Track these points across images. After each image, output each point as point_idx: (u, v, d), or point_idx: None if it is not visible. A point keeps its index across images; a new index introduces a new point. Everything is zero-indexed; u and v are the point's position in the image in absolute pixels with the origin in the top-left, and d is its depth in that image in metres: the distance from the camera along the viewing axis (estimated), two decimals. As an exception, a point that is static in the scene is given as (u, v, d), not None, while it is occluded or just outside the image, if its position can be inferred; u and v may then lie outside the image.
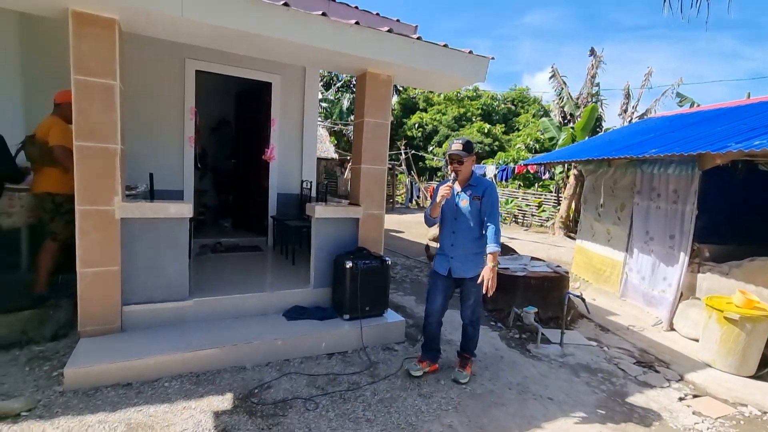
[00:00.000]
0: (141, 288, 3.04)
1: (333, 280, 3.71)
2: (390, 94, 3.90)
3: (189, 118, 4.84)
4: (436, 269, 2.90)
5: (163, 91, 4.69)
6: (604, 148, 5.82)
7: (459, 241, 2.77)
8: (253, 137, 5.92)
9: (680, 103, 11.83)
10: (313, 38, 3.06)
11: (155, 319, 3.06)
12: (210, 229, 6.14)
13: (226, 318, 3.32)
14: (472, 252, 2.77)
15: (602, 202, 5.78)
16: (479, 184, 2.77)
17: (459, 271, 2.79)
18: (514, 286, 4.40)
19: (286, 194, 5.59)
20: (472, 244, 2.77)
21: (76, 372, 2.47)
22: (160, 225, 3.04)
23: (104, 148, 2.76)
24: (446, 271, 2.82)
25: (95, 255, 2.81)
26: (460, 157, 2.71)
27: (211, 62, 4.85)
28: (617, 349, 3.87)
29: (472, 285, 2.79)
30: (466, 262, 2.77)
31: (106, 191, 2.80)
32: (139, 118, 4.51)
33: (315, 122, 6.01)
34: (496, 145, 21.97)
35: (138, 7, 2.58)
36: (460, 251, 2.77)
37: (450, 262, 2.80)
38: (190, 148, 4.88)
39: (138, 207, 2.95)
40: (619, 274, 5.51)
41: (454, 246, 2.78)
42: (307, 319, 3.44)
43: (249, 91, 6.10)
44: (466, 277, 2.79)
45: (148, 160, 4.54)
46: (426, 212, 2.82)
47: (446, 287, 2.88)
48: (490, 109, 25.92)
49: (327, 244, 3.72)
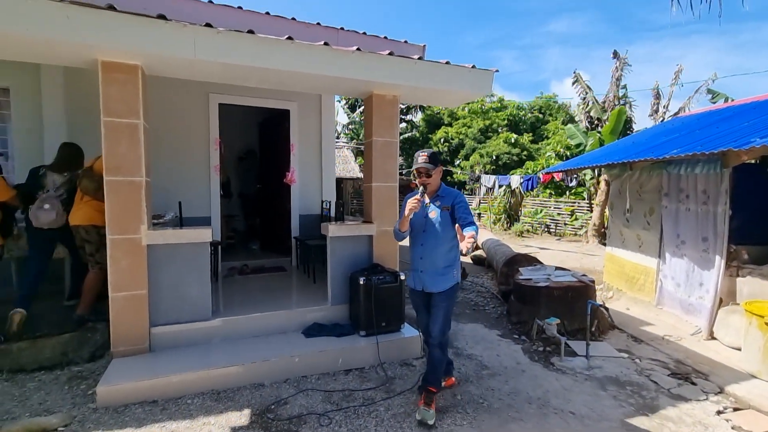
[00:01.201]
0: (167, 310, 3.22)
1: (349, 297, 3.77)
2: (397, 114, 4.00)
3: (214, 148, 5.15)
4: (410, 285, 2.80)
5: (189, 125, 5.04)
6: (627, 151, 5.64)
7: (428, 254, 2.65)
8: (276, 162, 6.18)
9: (712, 100, 11.27)
10: (317, 67, 3.22)
11: (181, 339, 3.23)
12: (239, 252, 6.39)
13: (248, 336, 3.44)
14: (441, 265, 2.64)
15: (629, 207, 5.56)
16: (448, 195, 2.69)
17: (429, 285, 2.66)
18: (537, 297, 4.31)
19: (307, 215, 5.77)
20: (441, 257, 2.64)
21: (108, 390, 2.65)
22: (182, 250, 3.23)
23: (131, 181, 3.01)
24: (420, 287, 2.71)
25: (125, 280, 3.03)
26: (428, 170, 2.62)
27: (232, 95, 5.17)
28: (650, 361, 3.68)
29: (441, 299, 2.63)
30: (435, 275, 2.64)
31: (133, 220, 3.03)
32: (168, 151, 4.85)
33: (332, 144, 6.21)
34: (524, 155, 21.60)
35: (157, 53, 2.83)
36: (429, 264, 2.65)
37: (420, 277, 2.69)
38: (216, 177, 5.17)
39: (162, 234, 3.16)
40: (653, 282, 5.24)
41: (423, 259, 2.67)
42: (324, 335, 3.50)
43: (269, 119, 6.40)
44: (435, 292, 2.65)
45: (177, 189, 4.84)
46: (395, 227, 2.72)
47: (425, 302, 2.75)
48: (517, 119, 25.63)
49: (342, 262, 3.80)
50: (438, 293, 2.64)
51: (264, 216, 6.90)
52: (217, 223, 5.19)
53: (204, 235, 3.28)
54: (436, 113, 26.86)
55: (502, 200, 15.62)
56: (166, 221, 3.98)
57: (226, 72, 3.24)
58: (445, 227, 2.63)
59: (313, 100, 5.73)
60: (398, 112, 4.01)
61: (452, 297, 2.64)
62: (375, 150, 3.88)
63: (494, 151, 21.38)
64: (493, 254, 7.21)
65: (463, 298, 5.69)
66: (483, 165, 21.01)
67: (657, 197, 5.19)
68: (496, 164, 21.45)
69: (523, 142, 22.64)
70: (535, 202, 15.79)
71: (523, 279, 4.68)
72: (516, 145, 22.07)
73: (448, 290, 2.63)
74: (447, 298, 2.63)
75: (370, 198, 3.94)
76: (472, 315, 4.95)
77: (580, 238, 12.48)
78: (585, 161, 6.52)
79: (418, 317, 2.85)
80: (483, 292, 6.02)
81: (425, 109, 26.91)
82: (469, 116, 25.52)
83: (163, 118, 4.79)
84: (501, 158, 21.19)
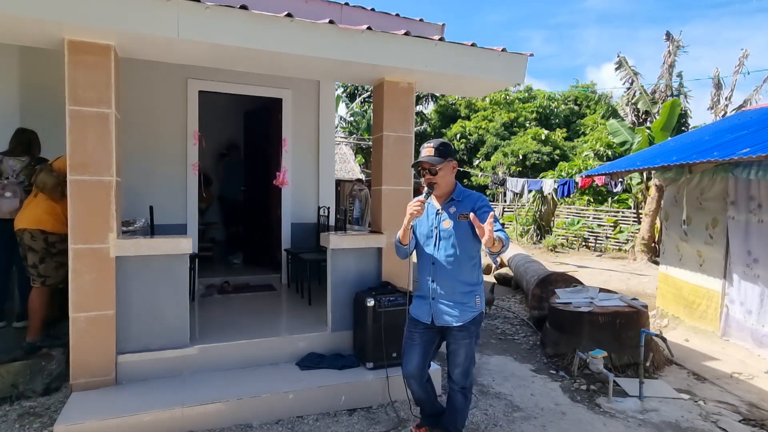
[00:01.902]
0: (137, 334, 3.22)
1: (354, 322, 3.77)
2: (412, 104, 4.04)
3: (192, 143, 5.21)
4: (414, 315, 2.59)
5: (163, 116, 5.10)
6: (684, 150, 5.64)
7: (441, 276, 2.45)
8: (264, 161, 6.24)
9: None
10: (320, 49, 3.27)
11: (153, 369, 3.22)
12: (218, 266, 6.42)
13: (232, 367, 3.43)
14: (459, 291, 2.44)
15: (686, 218, 5.55)
16: (466, 199, 2.48)
17: (442, 317, 2.46)
18: (577, 325, 4.30)
19: (300, 224, 5.79)
20: (459, 281, 2.44)
21: (67, 430, 2.65)
22: (157, 263, 3.25)
23: (99, 181, 3.04)
24: (429, 318, 2.51)
25: (89, 298, 3.05)
26: (432, 165, 2.40)
27: (214, 80, 5.24)
28: (717, 404, 3.65)
29: (462, 336, 2.45)
30: (452, 304, 2.45)
31: (100, 227, 3.05)
32: (137, 146, 4.89)
33: (332, 140, 6.26)
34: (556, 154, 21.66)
35: (134, 31, 2.88)
36: (444, 290, 2.45)
37: (431, 306, 2.49)
38: (194, 177, 5.22)
39: (133, 244, 3.18)
40: (717, 308, 5.21)
41: (435, 283, 2.47)
42: (323, 368, 3.49)
43: (258, 109, 6.47)
44: (453, 326, 2.45)
45: (147, 191, 4.88)
46: (395, 239, 2.55)
47: (427, 341, 2.57)
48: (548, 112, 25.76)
49: (345, 280, 3.80)
50: (455, 327, 2.45)
51: (249, 224, 6.93)
52: (195, 232, 5.22)
53: (183, 245, 3.30)
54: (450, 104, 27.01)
55: (531, 208, 15.62)
56: (136, 229, 4.02)
57: (213, 54, 3.28)
58: (463, 241, 2.43)
59: (310, 87, 5.79)
60: (413, 102, 4.05)
61: (475, 332, 2.49)
62: (386, 147, 3.91)
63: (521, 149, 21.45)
64: (523, 273, 7.19)
65: (488, 324, 5.67)
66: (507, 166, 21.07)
67: (722, 206, 5.17)
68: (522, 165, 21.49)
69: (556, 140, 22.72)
70: (571, 211, 15.78)
71: (560, 303, 4.66)
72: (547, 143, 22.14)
73: (469, 323, 2.45)
74: (469, 334, 2.46)
75: (379, 204, 3.96)
76: (499, 345, 4.93)
77: (626, 254, 12.45)
78: (633, 162, 6.52)
79: (405, 356, 2.61)
80: (511, 318, 6.00)
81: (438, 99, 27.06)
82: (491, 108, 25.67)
83: (132, 107, 4.83)
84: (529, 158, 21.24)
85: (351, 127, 24.98)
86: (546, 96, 26.67)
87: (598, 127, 21.86)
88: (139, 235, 3.87)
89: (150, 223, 4.20)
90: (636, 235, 12.44)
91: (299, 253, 5.14)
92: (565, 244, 14.26)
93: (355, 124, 24.78)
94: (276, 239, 5.84)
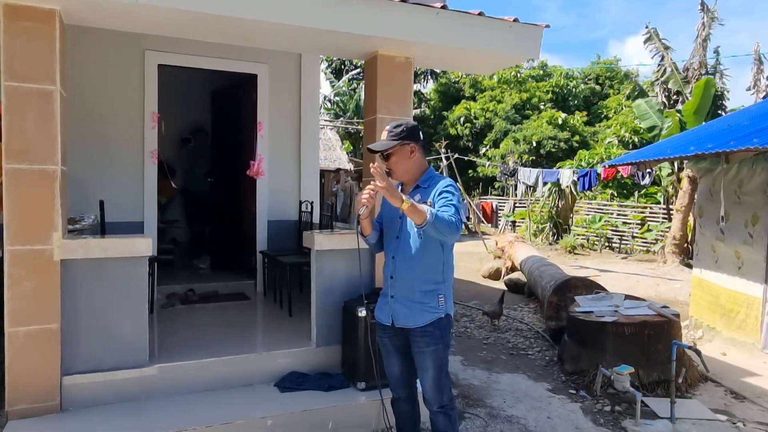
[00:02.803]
0: (86, 352, 3.18)
1: (342, 335, 3.77)
2: (410, 82, 4.03)
3: (151, 126, 5.16)
4: (377, 317, 2.68)
5: (117, 95, 5.03)
6: (720, 136, 5.70)
7: (401, 272, 2.50)
8: (235, 147, 6.20)
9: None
10: (303, 17, 3.24)
11: (105, 392, 3.18)
12: (181, 272, 6.38)
13: (199, 390, 3.41)
14: (420, 289, 2.48)
15: (723, 214, 5.61)
16: (432, 185, 2.50)
17: (402, 316, 2.52)
18: (600, 337, 4.33)
19: (279, 221, 5.77)
20: (419, 277, 2.48)
21: (4, 465, 2.62)
22: (110, 267, 3.21)
23: (41, 170, 2.99)
24: (389, 320, 2.58)
25: (29, 309, 3.00)
26: (384, 150, 2.47)
27: (177, 53, 5.20)
28: (757, 425, 3.70)
29: (425, 342, 2.47)
30: (412, 304, 2.49)
31: (43, 225, 3.01)
32: (86, 130, 4.83)
33: (316, 124, 6.24)
34: (575, 141, 21.84)
35: (82, -8, 2.85)
36: (404, 287, 2.50)
37: (390, 305, 2.55)
38: (152, 166, 5.18)
39: (81, 245, 3.13)
40: (757, 316, 5.28)
41: (394, 278, 2.53)
42: (307, 389, 3.49)
43: (228, 87, 6.43)
44: (414, 327, 2.49)
45: (97, 184, 4.83)
46: (357, 230, 2.60)
47: (400, 346, 2.62)
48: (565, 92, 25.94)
49: (333, 286, 3.80)
50: (416, 331, 2.49)
51: (217, 222, 6.88)
52: (154, 232, 5.18)
53: (140, 246, 3.27)
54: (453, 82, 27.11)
55: (546, 203, 15.71)
56: (84, 227, 3.97)
57: (177, 22, 3.25)
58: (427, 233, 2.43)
59: (290, 61, 5.77)
60: (411, 79, 4.05)
61: (440, 337, 2.49)
62: (380, 132, 3.88)
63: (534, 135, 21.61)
64: (537, 278, 7.24)
65: (498, 338, 5.71)
66: (518, 154, 21.20)
67: (763, 200, 5.24)
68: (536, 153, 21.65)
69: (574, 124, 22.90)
70: (592, 206, 15.88)
71: (580, 312, 4.69)
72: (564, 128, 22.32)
73: (429, 326, 2.47)
74: (434, 340, 2.47)
75: (371, 197, 3.95)
76: (510, 362, 4.96)
77: (655, 255, 12.56)
78: (663, 150, 6.58)
79: (385, 364, 2.73)
80: (524, 330, 6.04)
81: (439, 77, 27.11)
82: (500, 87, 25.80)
83: (80, 83, 4.77)
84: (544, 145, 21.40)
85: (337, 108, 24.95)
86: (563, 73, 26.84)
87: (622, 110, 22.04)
88: (87, 234, 3.82)
89: (101, 220, 4.15)
90: (666, 234, 12.52)
91: (278, 255, 5.11)
92: (585, 245, 14.37)
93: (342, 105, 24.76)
94: (250, 239, 5.81)
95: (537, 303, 7.23)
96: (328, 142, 16.34)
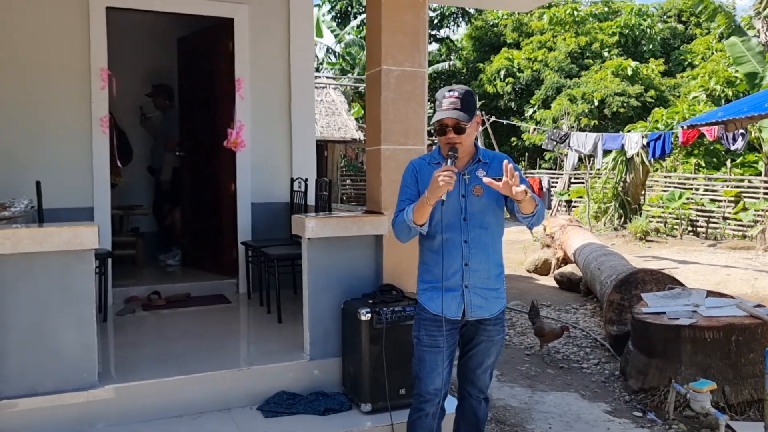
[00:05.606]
0: (18, 372, 3.17)
1: (342, 345, 3.78)
2: (425, 21, 3.97)
3: (100, 86, 5.17)
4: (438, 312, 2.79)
5: (54, 46, 5.02)
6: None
7: (477, 257, 2.75)
8: (208, 112, 6.22)
9: None
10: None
11: (44, 421, 3.18)
12: (144, 270, 6.46)
13: (164, 416, 3.42)
14: (494, 273, 2.81)
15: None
16: (494, 159, 2.78)
17: (477, 308, 2.77)
18: (674, 343, 4.31)
19: (266, 204, 5.80)
20: (494, 262, 2.81)
21: None
22: (46, 264, 3.20)
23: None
24: (459, 313, 2.77)
25: (-53, 316, 3.04)
26: (458, 122, 2.61)
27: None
28: None
29: (496, 331, 2.86)
30: (487, 292, 2.78)
31: (-39, 211, 3.04)
32: (16, 92, 4.85)
33: (311, 80, 6.21)
34: (650, 97, 21.46)
35: None
36: (481, 274, 2.76)
37: (464, 297, 2.75)
38: (103, 137, 5.20)
39: (9, 236, 3.12)
40: None
41: (469, 267, 2.74)
42: (299, 413, 3.49)
43: (198, 35, 6.43)
44: (488, 317, 2.80)
45: (32, 160, 4.86)
46: (401, 218, 2.75)
47: (453, 342, 2.84)
48: (637, 34, 25.43)
49: (330, 283, 3.80)
50: (489, 321, 2.81)
51: (188, 207, 6.91)
52: (107, 219, 5.22)
53: (85, 237, 3.26)
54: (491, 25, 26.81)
55: (610, 178, 15.51)
56: (14, 215, 3.99)
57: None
58: (497, 212, 2.78)
59: (276, 1, 5.72)
60: (426, 19, 3.99)
61: (505, 323, 2.90)
62: (385, 88, 3.84)
63: (596, 91, 21.28)
64: (595, 271, 7.20)
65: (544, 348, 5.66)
66: (575, 116, 20.89)
67: None
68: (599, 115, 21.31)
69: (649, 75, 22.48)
70: (671, 180, 15.64)
71: (648, 313, 4.65)
72: (635, 81, 21.91)
73: (501, 313, 2.86)
74: (502, 328, 2.89)
75: (377, 172, 3.92)
76: (559, 377, 4.95)
77: (753, 242, 12.43)
78: (761, 104, 6.39)
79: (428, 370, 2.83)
80: (578, 338, 6.03)
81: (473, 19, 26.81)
82: (551, 30, 25.42)
83: (7, 32, 4.79)
84: (609, 104, 21.08)
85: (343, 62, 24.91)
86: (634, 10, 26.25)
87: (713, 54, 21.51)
88: (19, 223, 3.84)
89: (38, 206, 4.16)
90: (767, 214, 12.31)
91: (264, 246, 5.13)
92: (661, 230, 14.26)
93: (350, 59, 24.71)
94: (229, 227, 5.85)
95: (595, 303, 7.20)
96: (331, 104, 16.37)
